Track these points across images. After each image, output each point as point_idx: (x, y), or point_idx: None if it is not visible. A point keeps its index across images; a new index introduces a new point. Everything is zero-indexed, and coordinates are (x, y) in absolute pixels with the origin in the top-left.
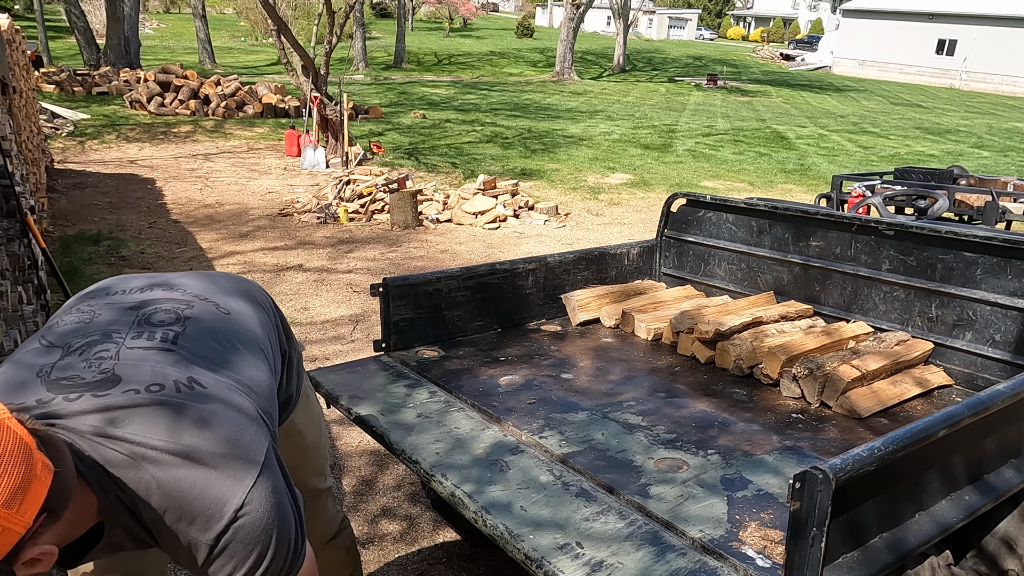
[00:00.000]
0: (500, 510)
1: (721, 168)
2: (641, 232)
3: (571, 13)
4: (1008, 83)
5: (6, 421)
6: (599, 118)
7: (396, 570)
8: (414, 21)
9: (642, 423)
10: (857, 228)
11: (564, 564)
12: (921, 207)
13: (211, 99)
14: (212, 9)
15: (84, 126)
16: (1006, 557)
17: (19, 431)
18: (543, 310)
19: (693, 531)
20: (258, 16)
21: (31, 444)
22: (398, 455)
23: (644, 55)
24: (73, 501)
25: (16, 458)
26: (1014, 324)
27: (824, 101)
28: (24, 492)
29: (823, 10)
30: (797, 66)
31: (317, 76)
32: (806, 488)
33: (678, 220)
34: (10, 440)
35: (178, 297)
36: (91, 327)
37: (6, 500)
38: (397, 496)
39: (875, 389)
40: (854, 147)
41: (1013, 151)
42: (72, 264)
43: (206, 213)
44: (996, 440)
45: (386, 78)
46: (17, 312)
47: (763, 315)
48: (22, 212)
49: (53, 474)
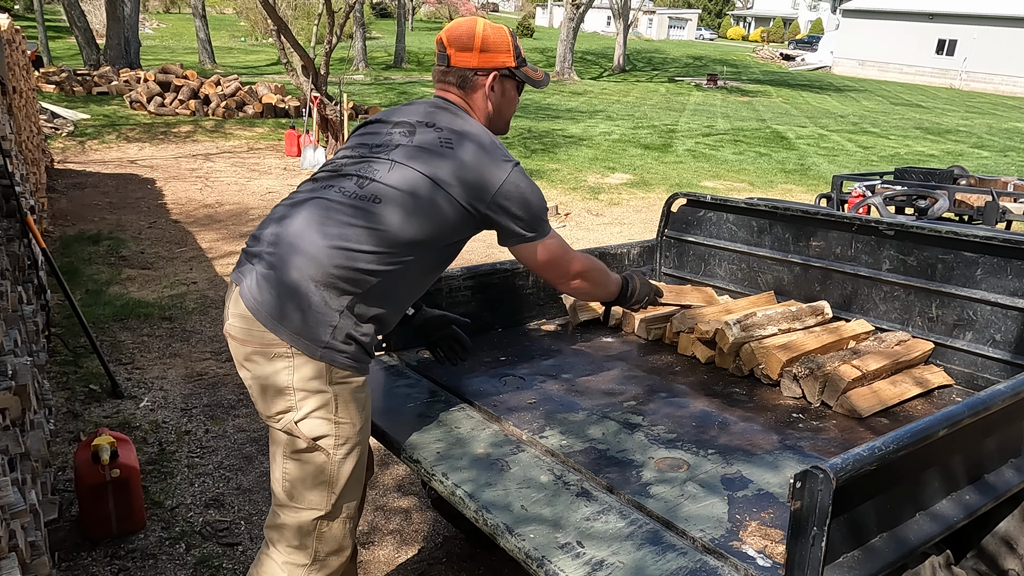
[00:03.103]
0: (500, 509)
1: (721, 168)
2: (641, 232)
3: (571, 13)
4: (1008, 83)
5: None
6: (599, 118)
7: (396, 570)
8: (414, 21)
9: (642, 423)
10: (857, 228)
11: (564, 563)
12: (921, 207)
13: (211, 99)
14: (212, 9)
15: (84, 126)
16: (1006, 557)
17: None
18: (543, 310)
19: (693, 530)
20: (258, 16)
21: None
22: (398, 454)
23: (644, 55)
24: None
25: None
26: (1014, 324)
27: (824, 101)
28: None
29: (823, 10)
30: (797, 66)
31: (317, 76)
32: (807, 487)
33: (678, 220)
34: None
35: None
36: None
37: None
38: (397, 496)
39: (875, 389)
40: (854, 147)
41: (1013, 151)
42: (72, 264)
43: (206, 213)
44: (996, 440)
45: (386, 78)
46: (17, 312)
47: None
48: (22, 212)
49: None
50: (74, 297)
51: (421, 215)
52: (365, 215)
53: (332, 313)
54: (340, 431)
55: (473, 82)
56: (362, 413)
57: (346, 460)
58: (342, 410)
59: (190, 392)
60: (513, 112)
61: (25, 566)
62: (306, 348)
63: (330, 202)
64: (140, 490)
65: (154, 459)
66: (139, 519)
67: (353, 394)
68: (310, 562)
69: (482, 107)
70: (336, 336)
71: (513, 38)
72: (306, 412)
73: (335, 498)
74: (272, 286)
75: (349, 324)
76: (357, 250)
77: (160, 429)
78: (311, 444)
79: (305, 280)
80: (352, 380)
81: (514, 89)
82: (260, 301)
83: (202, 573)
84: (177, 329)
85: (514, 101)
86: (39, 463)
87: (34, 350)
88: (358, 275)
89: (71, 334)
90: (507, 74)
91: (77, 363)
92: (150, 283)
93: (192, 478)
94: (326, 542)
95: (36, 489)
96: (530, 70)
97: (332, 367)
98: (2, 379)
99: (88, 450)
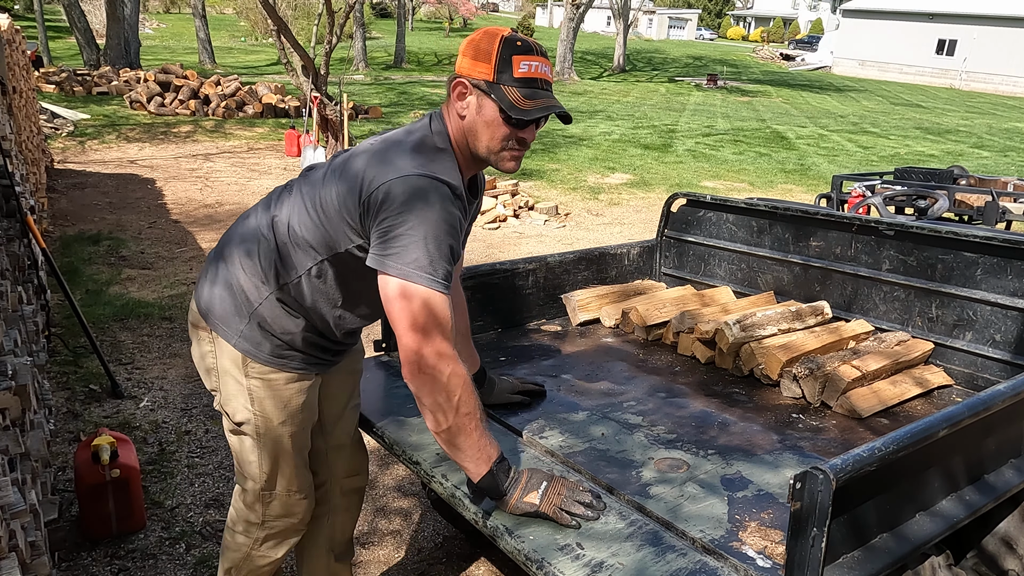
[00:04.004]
0: (500, 511)
1: (721, 168)
2: (641, 232)
3: (571, 13)
4: (1008, 83)
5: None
6: (599, 118)
7: (396, 570)
8: (414, 21)
9: (642, 423)
10: (857, 228)
11: (564, 565)
12: (921, 207)
13: (211, 99)
14: (212, 9)
15: (84, 126)
16: (1006, 557)
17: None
18: (543, 310)
19: (693, 531)
20: (258, 16)
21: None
22: (398, 455)
23: (644, 55)
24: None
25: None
26: (1014, 324)
27: (824, 101)
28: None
29: (823, 10)
30: (797, 66)
31: (317, 76)
32: (807, 488)
33: (678, 220)
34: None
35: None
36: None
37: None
38: (397, 496)
39: (875, 389)
40: (854, 147)
41: (1013, 151)
42: (72, 264)
43: (206, 213)
44: (996, 440)
45: (386, 78)
46: (17, 312)
47: (775, 314)
48: (22, 212)
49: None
50: (74, 297)
51: (318, 217)
52: (287, 223)
53: (251, 305)
54: (259, 422)
55: (448, 89)
56: (284, 411)
57: (274, 446)
58: (259, 404)
59: (190, 392)
60: (496, 139)
61: (25, 566)
62: (224, 335)
63: (269, 201)
64: (140, 490)
65: (154, 459)
66: (139, 519)
67: (272, 390)
68: (260, 523)
69: (448, 118)
70: (251, 328)
71: (504, 51)
72: (227, 396)
73: (266, 477)
74: (207, 272)
75: (266, 319)
76: (276, 249)
77: (160, 429)
78: (235, 427)
79: (230, 271)
80: (271, 376)
81: (494, 110)
82: (199, 286)
83: (202, 573)
84: (177, 329)
85: (494, 125)
86: (39, 463)
87: (34, 350)
88: (276, 272)
89: (71, 334)
90: (484, 89)
91: (77, 363)
92: (150, 283)
93: (192, 478)
94: (272, 509)
95: (36, 489)
96: (516, 92)
97: (247, 358)
98: (2, 379)
99: (88, 450)
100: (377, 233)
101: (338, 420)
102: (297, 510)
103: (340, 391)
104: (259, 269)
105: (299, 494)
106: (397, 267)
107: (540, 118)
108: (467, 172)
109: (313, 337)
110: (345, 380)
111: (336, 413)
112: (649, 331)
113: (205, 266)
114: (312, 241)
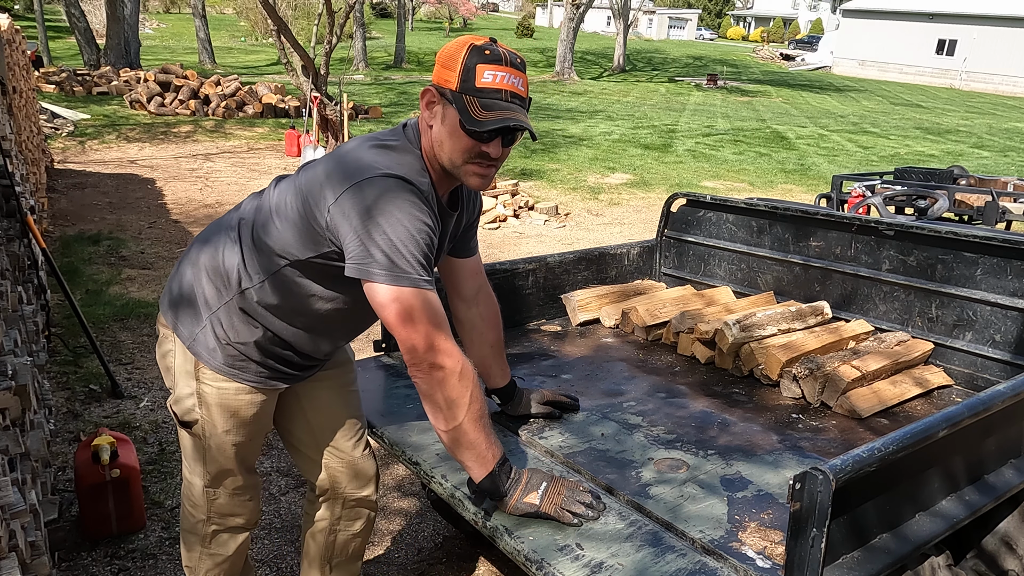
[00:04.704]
0: (500, 511)
1: (721, 168)
2: (641, 232)
3: (571, 13)
4: (1008, 83)
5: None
6: (599, 118)
7: (396, 570)
8: (414, 21)
9: (642, 423)
10: (857, 228)
11: (564, 565)
12: (921, 207)
13: (211, 99)
14: (212, 9)
15: (84, 126)
16: (1006, 557)
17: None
18: (543, 310)
19: (693, 531)
20: (258, 16)
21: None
22: (398, 456)
23: (644, 55)
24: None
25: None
26: (1014, 324)
27: (824, 101)
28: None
29: (823, 10)
30: (797, 66)
31: (317, 76)
32: (806, 488)
33: (678, 220)
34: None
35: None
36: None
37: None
38: (397, 496)
39: (875, 389)
40: (854, 147)
41: (1013, 151)
42: (72, 264)
43: (206, 213)
44: (996, 440)
45: (386, 78)
46: (17, 312)
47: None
48: (22, 212)
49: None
50: (74, 297)
51: (280, 225)
52: (251, 225)
53: (210, 308)
54: (206, 427)
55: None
56: (231, 420)
57: (218, 451)
58: (206, 410)
59: None
60: (457, 152)
61: (25, 566)
62: (181, 336)
63: (242, 203)
64: (140, 490)
65: (154, 459)
66: (139, 519)
67: (222, 398)
68: (206, 518)
69: (422, 127)
70: (206, 334)
71: (469, 59)
72: (178, 396)
73: (210, 477)
74: (175, 272)
75: (220, 327)
76: (240, 252)
77: (160, 429)
78: (183, 425)
79: (194, 273)
80: (222, 385)
81: (455, 121)
82: (168, 284)
83: None
84: None
85: (455, 136)
86: (39, 463)
87: (34, 350)
88: (239, 276)
89: (71, 334)
90: (449, 98)
91: (77, 363)
92: (150, 283)
93: None
94: (217, 506)
95: (36, 489)
96: (476, 102)
97: (199, 363)
98: (2, 379)
99: (88, 450)
100: (347, 242)
101: (334, 430)
102: (241, 511)
103: (329, 403)
104: (221, 272)
105: (243, 495)
106: (378, 272)
107: (510, 134)
108: (441, 185)
109: (273, 348)
110: (333, 391)
111: (327, 424)
112: (649, 331)
113: (176, 265)
114: (275, 247)
